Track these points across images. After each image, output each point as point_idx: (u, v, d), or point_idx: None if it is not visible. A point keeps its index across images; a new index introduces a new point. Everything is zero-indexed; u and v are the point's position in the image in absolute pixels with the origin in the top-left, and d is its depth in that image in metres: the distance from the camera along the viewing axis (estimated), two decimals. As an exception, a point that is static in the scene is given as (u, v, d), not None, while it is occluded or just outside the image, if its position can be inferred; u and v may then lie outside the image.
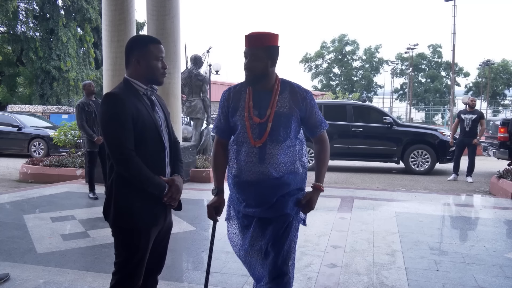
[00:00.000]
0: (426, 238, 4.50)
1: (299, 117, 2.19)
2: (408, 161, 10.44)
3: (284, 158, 2.16)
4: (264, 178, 2.13)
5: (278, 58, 2.18)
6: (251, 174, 2.15)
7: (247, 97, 2.18)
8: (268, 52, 2.11)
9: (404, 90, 57.54)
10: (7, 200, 6.30)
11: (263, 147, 2.13)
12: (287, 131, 2.15)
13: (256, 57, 2.10)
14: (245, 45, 2.12)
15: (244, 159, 2.16)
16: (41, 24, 24.34)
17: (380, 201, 6.55)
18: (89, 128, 6.29)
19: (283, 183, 2.16)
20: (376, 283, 3.28)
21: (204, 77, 9.98)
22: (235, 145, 2.22)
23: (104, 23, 7.59)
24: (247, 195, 2.19)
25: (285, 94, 2.17)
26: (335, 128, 10.72)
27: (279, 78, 2.22)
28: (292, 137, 2.18)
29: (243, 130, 2.16)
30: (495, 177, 7.94)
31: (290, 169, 2.17)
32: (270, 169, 2.12)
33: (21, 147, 13.37)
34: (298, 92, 2.19)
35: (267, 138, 2.12)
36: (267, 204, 2.16)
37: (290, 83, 2.23)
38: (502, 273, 3.52)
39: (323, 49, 60.03)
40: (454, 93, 33.62)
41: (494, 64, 54.26)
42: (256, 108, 2.16)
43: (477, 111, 9.25)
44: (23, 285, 3.15)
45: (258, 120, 2.14)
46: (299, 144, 2.24)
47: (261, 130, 2.13)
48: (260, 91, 2.18)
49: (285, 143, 2.15)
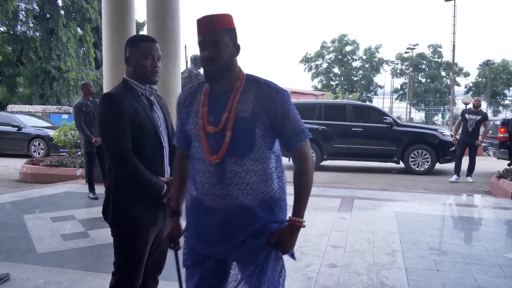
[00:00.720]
0: (426, 238, 4.50)
1: (268, 123, 1.65)
2: (408, 161, 10.44)
3: (253, 177, 1.64)
4: (227, 204, 1.64)
5: None
6: (211, 198, 1.65)
7: (202, 100, 1.70)
8: (231, 35, 1.66)
9: (404, 90, 57.55)
10: (7, 200, 6.30)
11: (221, 164, 1.63)
12: (249, 142, 1.64)
13: (219, 44, 1.61)
14: (199, 33, 1.64)
15: (201, 180, 1.67)
16: (41, 24, 24.34)
17: (380, 201, 6.55)
18: (87, 129, 6.28)
19: (253, 213, 1.64)
20: (376, 283, 3.28)
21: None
22: (191, 161, 1.74)
23: (104, 23, 7.59)
24: (206, 227, 1.69)
25: (249, 94, 1.66)
26: (335, 128, 10.74)
27: (244, 73, 1.71)
28: (261, 149, 1.66)
29: (197, 143, 1.69)
30: (495, 177, 7.94)
31: (262, 193, 1.66)
32: (234, 191, 1.63)
33: (21, 147, 13.36)
34: (266, 91, 1.66)
35: (226, 152, 1.62)
36: (230, 242, 1.66)
37: (258, 80, 1.70)
38: (502, 273, 3.52)
39: (323, 49, 60.03)
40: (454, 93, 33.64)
41: (494, 64, 54.27)
42: (212, 114, 1.67)
43: (481, 112, 9.23)
44: (23, 285, 3.15)
45: (213, 129, 1.64)
46: (275, 158, 1.72)
47: (218, 142, 1.64)
48: (219, 92, 1.69)
49: (249, 157, 1.64)
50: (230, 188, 1.63)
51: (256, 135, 1.64)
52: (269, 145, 1.69)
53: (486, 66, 52.56)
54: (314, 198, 6.45)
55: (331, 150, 10.73)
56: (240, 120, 1.63)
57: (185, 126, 1.76)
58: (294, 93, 32.92)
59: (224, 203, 1.64)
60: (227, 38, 1.63)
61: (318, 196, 6.62)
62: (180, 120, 1.79)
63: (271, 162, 1.70)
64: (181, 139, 1.83)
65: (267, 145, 1.68)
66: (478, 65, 57.07)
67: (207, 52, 1.62)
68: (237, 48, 1.69)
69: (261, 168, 1.66)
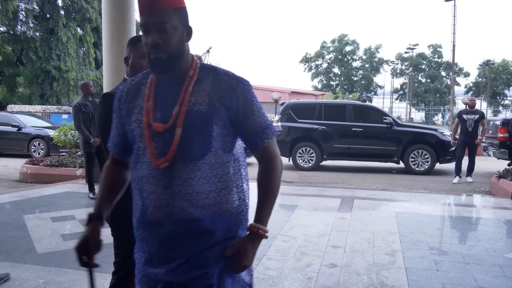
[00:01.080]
0: (426, 238, 4.50)
1: (228, 119, 1.40)
2: (408, 161, 10.44)
3: (205, 185, 1.37)
4: (174, 217, 1.35)
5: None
6: (156, 210, 1.37)
7: (147, 93, 1.43)
8: (181, 16, 1.39)
9: (404, 90, 57.56)
10: (7, 200, 6.30)
11: (170, 169, 1.35)
12: (205, 142, 1.37)
13: (166, 27, 1.34)
14: (141, 13, 1.37)
15: (146, 188, 1.39)
16: (41, 24, 24.35)
17: (380, 201, 6.55)
18: (86, 129, 6.28)
19: (204, 228, 1.37)
20: (376, 283, 3.28)
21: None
22: (134, 166, 1.44)
23: (104, 23, 7.59)
24: (150, 244, 1.42)
25: (205, 84, 1.40)
26: (335, 128, 10.75)
27: (197, 61, 1.47)
28: (218, 151, 1.40)
29: (141, 143, 1.41)
30: (495, 177, 7.94)
31: (216, 204, 1.39)
32: (181, 202, 1.35)
33: (21, 147, 13.36)
34: (225, 80, 1.41)
35: (175, 153, 1.35)
36: (176, 261, 1.39)
37: (214, 68, 1.46)
38: (502, 273, 3.52)
39: (323, 49, 60.04)
40: (454, 93, 33.63)
41: (494, 64, 54.27)
42: (159, 109, 1.40)
43: (478, 111, 9.24)
44: (23, 285, 3.15)
45: (161, 126, 1.37)
46: (235, 163, 1.46)
47: (167, 142, 1.36)
48: (168, 82, 1.42)
49: (204, 161, 1.37)
50: (177, 197, 1.35)
51: (213, 133, 1.38)
52: (228, 146, 1.43)
53: (486, 66, 52.55)
54: (314, 198, 6.50)
55: (331, 150, 10.73)
56: (194, 114, 1.37)
57: (126, 126, 1.48)
58: (294, 93, 32.94)
59: (171, 215, 1.36)
60: (176, 19, 1.36)
61: (318, 196, 6.62)
62: (120, 118, 1.50)
63: (230, 167, 1.43)
64: (118, 143, 1.53)
65: (226, 146, 1.42)
66: (478, 65, 57.11)
67: (151, 37, 1.35)
68: (188, 32, 1.41)
69: (217, 174, 1.39)
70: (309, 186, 8.27)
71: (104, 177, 1.57)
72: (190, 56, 1.44)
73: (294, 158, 10.83)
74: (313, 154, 10.74)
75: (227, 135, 1.42)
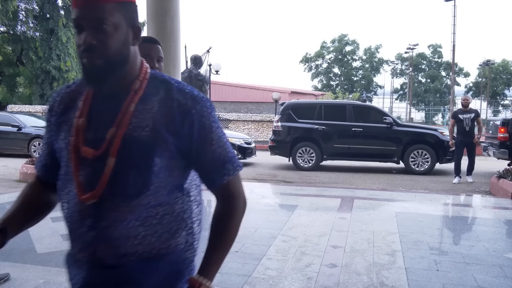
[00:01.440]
0: (426, 238, 4.50)
1: (176, 150, 1.10)
2: (408, 161, 10.44)
3: (138, 228, 1.09)
4: (95, 264, 1.12)
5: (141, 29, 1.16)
6: (77, 252, 1.16)
7: (81, 107, 1.14)
8: (126, 13, 1.10)
9: (404, 90, 57.57)
10: (7, 200, 6.30)
11: (97, 206, 1.08)
12: (142, 177, 1.08)
13: (104, 24, 1.05)
14: (74, 5, 1.06)
15: (70, 222, 1.16)
16: (41, 24, 24.35)
17: (380, 201, 6.55)
18: None
19: (130, 279, 1.11)
20: (376, 283, 3.28)
21: (204, 77, 9.99)
22: (60, 193, 1.18)
23: (104, 23, 7.60)
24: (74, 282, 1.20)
25: (152, 103, 1.10)
26: (335, 128, 10.75)
27: (148, 71, 1.16)
28: (160, 190, 1.10)
29: (68, 168, 1.13)
30: (495, 177, 7.94)
31: (153, 250, 1.11)
32: (106, 248, 1.09)
33: (21, 147, 13.36)
34: (178, 99, 1.10)
35: (106, 188, 1.07)
36: None
37: (167, 81, 1.14)
38: (502, 273, 3.53)
39: (323, 49, 60.04)
40: (454, 93, 33.62)
41: (494, 64, 54.25)
42: (93, 129, 1.11)
43: (472, 109, 9.25)
44: (23, 285, 3.15)
45: (91, 152, 1.09)
46: (184, 199, 1.16)
47: (96, 172, 1.08)
48: (108, 96, 1.12)
49: (140, 201, 1.08)
50: (102, 241, 1.08)
51: (154, 168, 1.08)
52: (176, 181, 1.14)
53: (486, 66, 52.55)
54: (314, 198, 6.50)
55: (331, 150, 10.73)
56: (133, 141, 1.07)
57: (54, 144, 1.19)
58: (294, 93, 32.94)
59: (93, 260, 1.11)
60: (119, 16, 1.07)
61: (318, 196, 6.62)
62: (49, 133, 1.22)
63: (177, 205, 1.14)
64: (46, 164, 1.26)
65: (174, 182, 1.13)
66: (478, 65, 57.04)
67: (84, 37, 1.05)
68: (135, 32, 1.12)
69: (157, 215, 1.10)
70: (309, 186, 8.27)
71: (22, 193, 1.31)
72: (138, 64, 1.15)
73: (294, 158, 10.83)
74: (313, 154, 10.74)
75: (176, 169, 1.13)
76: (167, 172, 1.11)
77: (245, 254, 3.87)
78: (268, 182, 8.90)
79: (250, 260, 3.72)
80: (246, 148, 11.53)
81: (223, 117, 20.49)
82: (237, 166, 1.18)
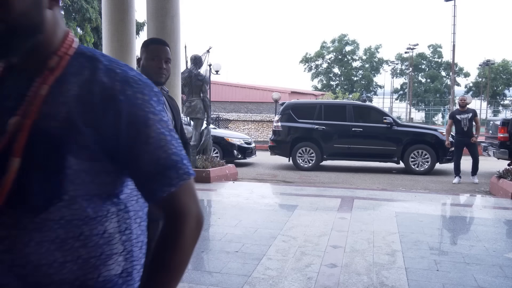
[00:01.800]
0: (426, 238, 4.50)
1: (99, 148, 0.83)
2: (408, 161, 10.45)
3: (53, 253, 0.82)
4: None
5: None
6: None
7: None
8: None
9: (404, 90, 57.58)
10: (7, 200, 6.29)
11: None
12: (52, 182, 0.81)
13: None
14: None
15: None
16: (41, 24, 24.40)
17: (380, 201, 6.55)
18: None
19: None
20: (376, 283, 3.28)
21: (204, 77, 10.00)
22: None
23: (104, 23, 7.60)
24: None
25: (71, 85, 0.83)
26: (335, 128, 10.76)
27: (73, 44, 0.89)
28: (78, 200, 0.83)
29: None
30: (495, 177, 7.93)
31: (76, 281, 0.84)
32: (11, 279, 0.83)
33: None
34: (101, 81, 0.83)
35: (7, 197, 0.80)
36: None
37: (96, 59, 0.86)
38: (502, 273, 3.53)
39: (323, 49, 60.04)
40: (454, 93, 33.63)
41: (494, 64, 54.25)
42: None
43: (470, 109, 9.24)
44: None
45: None
46: (120, 216, 0.88)
47: None
48: (13, 75, 0.87)
49: (50, 215, 0.81)
50: (5, 271, 0.82)
51: (68, 170, 0.81)
52: (103, 191, 0.86)
53: (486, 66, 52.55)
54: (314, 198, 6.50)
55: (331, 150, 10.74)
56: (42, 135, 0.81)
57: None
58: (294, 93, 32.94)
59: None
60: None
61: (318, 196, 6.62)
62: None
63: (108, 223, 0.86)
64: None
65: (98, 191, 0.86)
66: (478, 65, 57.00)
67: None
68: None
69: (80, 235, 0.83)
70: (309, 186, 8.27)
71: None
72: (59, 35, 0.87)
73: (294, 158, 10.84)
74: (313, 154, 10.74)
75: (103, 174, 0.86)
76: (89, 178, 0.83)
77: (245, 254, 3.88)
78: (268, 182, 8.90)
79: (250, 260, 3.72)
80: (246, 148, 11.55)
81: (223, 117, 20.50)
82: (184, 173, 0.86)
